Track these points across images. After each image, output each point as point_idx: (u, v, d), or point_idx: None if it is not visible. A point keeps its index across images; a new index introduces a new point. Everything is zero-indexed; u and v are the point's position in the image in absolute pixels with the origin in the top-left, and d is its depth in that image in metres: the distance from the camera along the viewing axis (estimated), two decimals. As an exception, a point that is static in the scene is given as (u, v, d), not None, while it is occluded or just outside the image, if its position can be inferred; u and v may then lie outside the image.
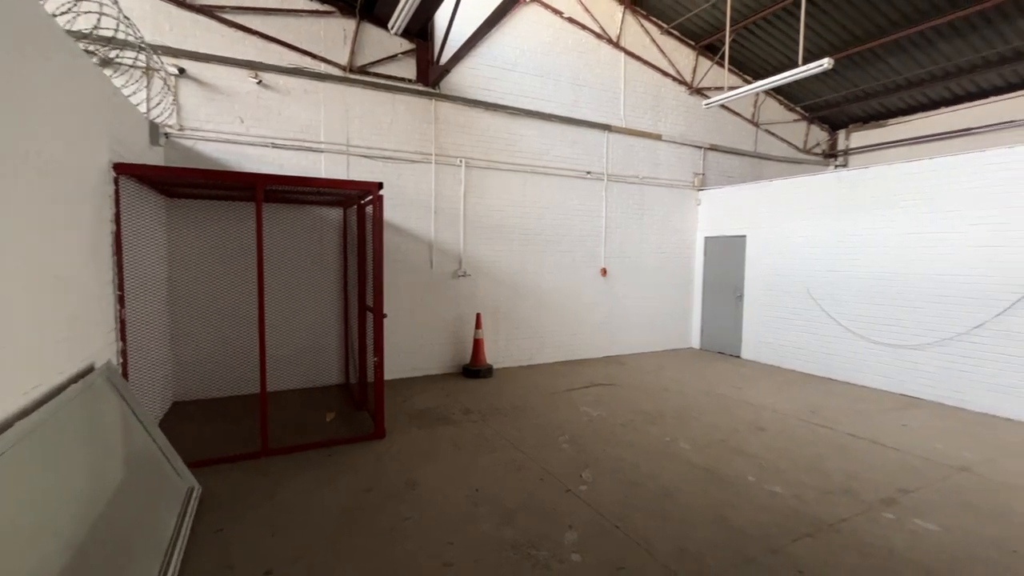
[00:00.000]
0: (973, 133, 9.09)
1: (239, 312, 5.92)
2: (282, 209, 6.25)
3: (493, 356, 7.65)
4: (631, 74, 8.84)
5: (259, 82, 6.11)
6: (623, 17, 8.66)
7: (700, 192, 9.57)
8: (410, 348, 7.12)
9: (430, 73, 6.97)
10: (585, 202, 8.44)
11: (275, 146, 6.25)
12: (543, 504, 3.59)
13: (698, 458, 4.43)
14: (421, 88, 7.02)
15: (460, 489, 3.80)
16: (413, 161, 7.05)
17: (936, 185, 6.22)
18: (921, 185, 6.36)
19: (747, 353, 8.57)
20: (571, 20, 8.16)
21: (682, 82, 9.41)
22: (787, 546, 3.11)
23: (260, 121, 6.18)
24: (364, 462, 4.26)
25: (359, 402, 5.75)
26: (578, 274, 8.43)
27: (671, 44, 9.29)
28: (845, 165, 11.30)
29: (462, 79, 7.36)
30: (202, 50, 5.82)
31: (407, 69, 7.01)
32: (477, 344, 7.28)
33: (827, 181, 7.51)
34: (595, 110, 8.48)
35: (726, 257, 9.01)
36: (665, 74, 9.22)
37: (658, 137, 9.09)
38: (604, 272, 8.61)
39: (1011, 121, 8.60)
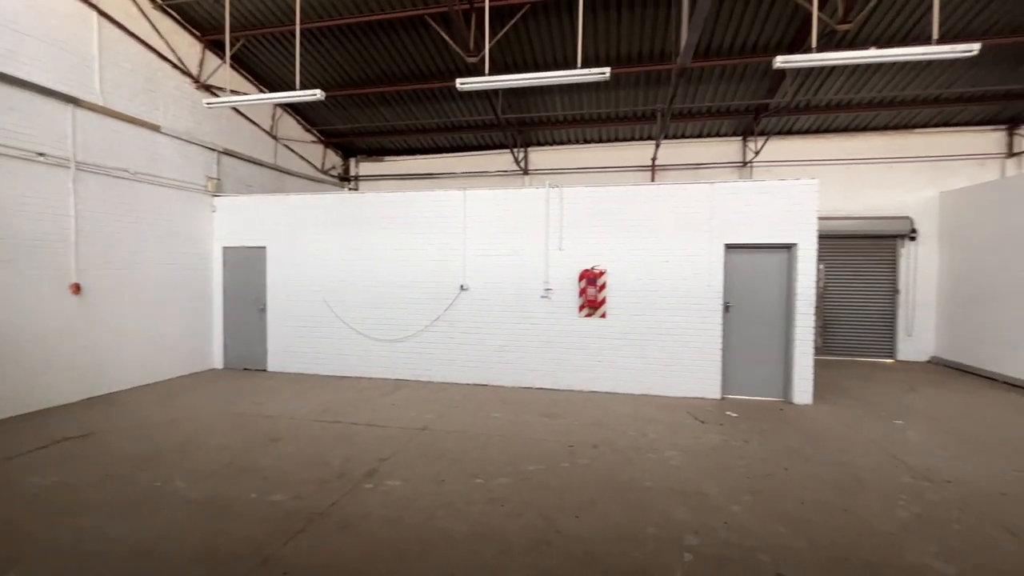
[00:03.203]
0: (435, 177, 12.40)
1: None
2: None
3: None
4: (112, 43, 7.14)
5: None
6: (93, -33, 6.88)
7: (216, 198, 8.82)
8: None
9: None
10: (39, 195, 6.18)
11: None
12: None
13: (196, 492, 3.98)
14: None
15: None
16: None
17: (410, 213, 8.04)
18: (401, 212, 8.07)
19: (273, 365, 8.54)
20: (-6, -65, 5.78)
21: (187, 73, 8.39)
22: (279, 550, 3.18)
23: None
24: None
25: None
26: (30, 294, 6.08)
27: (170, 26, 8.11)
28: (356, 189, 13.12)
29: None
30: None
31: None
32: None
33: (335, 201, 8.43)
34: (52, 73, 6.35)
35: (247, 268, 8.68)
36: (163, 58, 7.96)
37: (156, 128, 7.74)
38: (77, 289, 6.57)
39: (452, 173, 12.27)
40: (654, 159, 10.79)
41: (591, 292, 7.27)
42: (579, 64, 5.85)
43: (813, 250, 6.70)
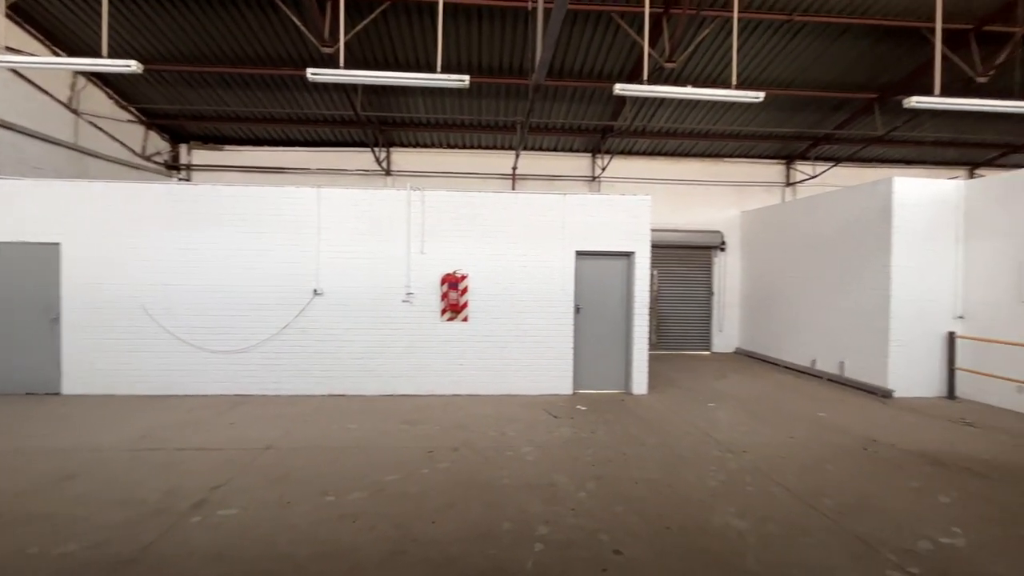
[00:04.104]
0: (287, 172, 11.40)
1: None
2: None
3: None
4: None
5: None
6: None
7: (-16, 181, 7.00)
8: None
9: None
10: None
11: None
12: None
13: (-57, 558, 3.10)
14: None
15: None
16: None
17: (253, 210, 7.26)
18: (244, 208, 7.25)
19: (71, 387, 7.03)
20: None
21: (-63, 18, 6.56)
22: (67, 613, 2.62)
23: None
24: None
25: None
26: None
27: (-91, -47, 6.26)
28: (189, 179, 11.46)
29: None
30: None
31: None
32: None
33: (161, 192, 7.26)
34: None
35: (31, 269, 7.02)
36: (-103, -7, 6.12)
37: None
38: None
39: (306, 168, 11.41)
40: (514, 168, 11.27)
41: (453, 296, 7.32)
42: (439, 68, 5.87)
43: (647, 258, 7.60)
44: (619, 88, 6.06)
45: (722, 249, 11.83)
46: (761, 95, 6.45)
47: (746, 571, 3.12)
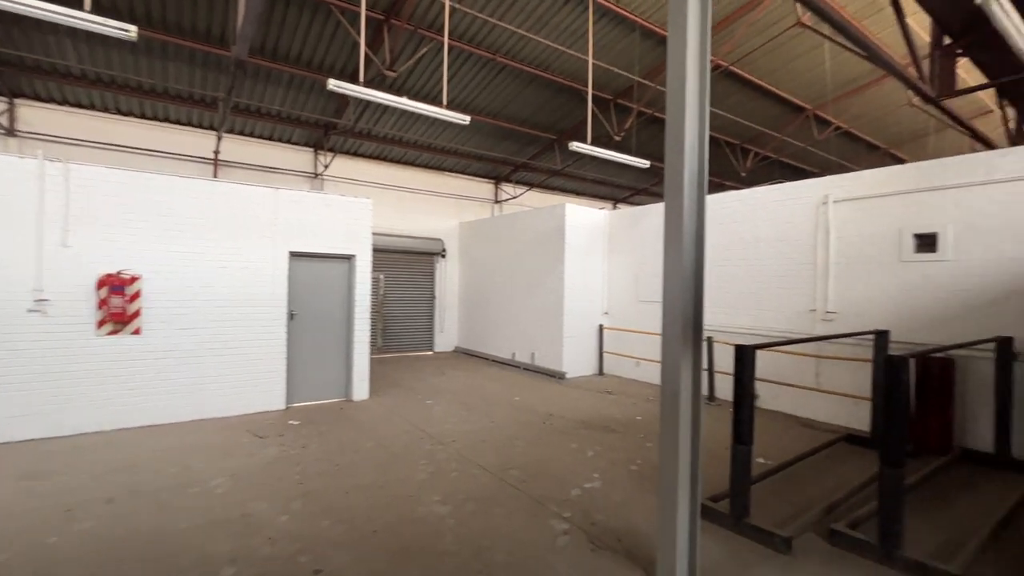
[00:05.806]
0: None
1: None
2: None
3: None
4: None
5: None
6: None
7: None
8: None
9: None
10: None
11: None
12: None
13: None
14: None
15: None
16: None
17: None
18: None
19: None
20: None
21: None
22: None
23: None
24: None
25: None
26: None
27: None
28: None
29: None
30: None
31: None
32: None
33: None
34: None
35: None
36: None
37: None
38: None
39: None
40: (216, 152, 9.64)
41: (117, 303, 5.72)
42: (89, 7, 4.49)
43: (369, 262, 7.55)
44: (332, 84, 5.84)
45: (443, 256, 12.75)
46: (467, 118, 7.22)
47: (444, 551, 3.37)
